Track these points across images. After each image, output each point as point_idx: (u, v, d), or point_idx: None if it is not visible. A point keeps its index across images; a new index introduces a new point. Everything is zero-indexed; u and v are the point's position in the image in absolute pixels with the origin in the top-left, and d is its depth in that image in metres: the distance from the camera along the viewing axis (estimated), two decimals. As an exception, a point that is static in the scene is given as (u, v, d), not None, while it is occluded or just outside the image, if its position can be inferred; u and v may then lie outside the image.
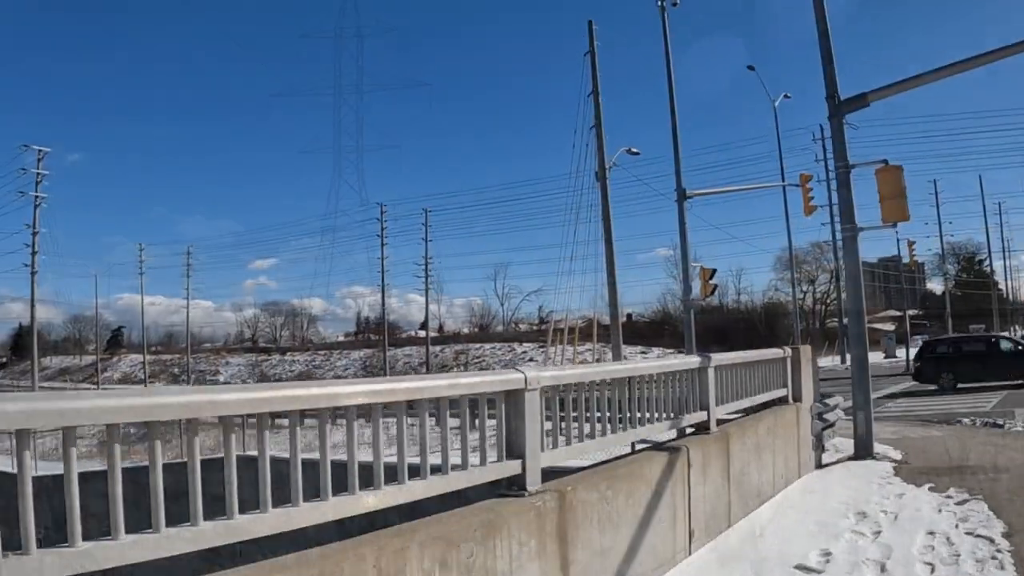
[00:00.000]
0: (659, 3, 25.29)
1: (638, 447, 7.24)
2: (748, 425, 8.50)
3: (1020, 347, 26.62)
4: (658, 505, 5.91)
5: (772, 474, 9.03)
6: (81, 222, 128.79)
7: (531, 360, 65.94)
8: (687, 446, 6.64)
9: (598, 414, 5.66)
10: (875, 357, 32.31)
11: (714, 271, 25.51)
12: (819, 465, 11.37)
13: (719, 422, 7.85)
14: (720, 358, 8.00)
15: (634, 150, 31.09)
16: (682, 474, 6.41)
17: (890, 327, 66.16)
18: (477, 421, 4.67)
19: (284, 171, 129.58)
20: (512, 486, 4.72)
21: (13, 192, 62.96)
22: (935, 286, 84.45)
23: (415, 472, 4.16)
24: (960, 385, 25.73)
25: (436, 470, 4.28)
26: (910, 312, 58.25)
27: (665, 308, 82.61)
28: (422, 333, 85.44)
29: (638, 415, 6.27)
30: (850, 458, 12.07)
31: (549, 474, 5.00)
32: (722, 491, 7.30)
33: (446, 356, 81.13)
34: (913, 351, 35.61)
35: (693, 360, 7.48)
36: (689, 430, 7.51)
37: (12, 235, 63.30)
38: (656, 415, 6.60)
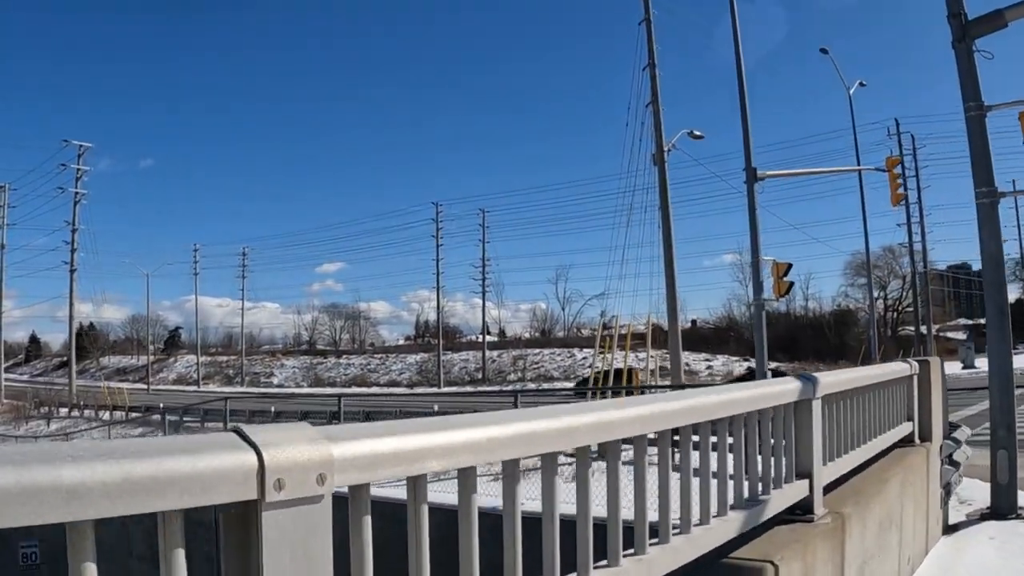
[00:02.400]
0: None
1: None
2: (870, 492, 5.11)
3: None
4: None
5: (897, 561, 5.71)
6: (151, 224, 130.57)
7: (590, 367, 62.62)
8: (774, 562, 3.33)
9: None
10: (952, 368, 29.86)
11: (789, 266, 21.54)
12: (946, 529, 8.02)
13: (825, 489, 4.52)
14: (831, 381, 4.58)
15: (696, 132, 27.56)
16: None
17: (961, 336, 61.77)
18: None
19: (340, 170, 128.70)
20: None
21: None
22: (1010, 293, 77.41)
23: None
24: None
25: None
26: (981, 320, 53.24)
27: (730, 314, 79.41)
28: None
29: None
30: (984, 515, 8.96)
31: None
32: (833, 623, 4.01)
33: (503, 362, 78.51)
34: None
35: (787, 387, 4.06)
36: (772, 511, 4.12)
37: (52, 233, 63.37)
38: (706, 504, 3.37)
